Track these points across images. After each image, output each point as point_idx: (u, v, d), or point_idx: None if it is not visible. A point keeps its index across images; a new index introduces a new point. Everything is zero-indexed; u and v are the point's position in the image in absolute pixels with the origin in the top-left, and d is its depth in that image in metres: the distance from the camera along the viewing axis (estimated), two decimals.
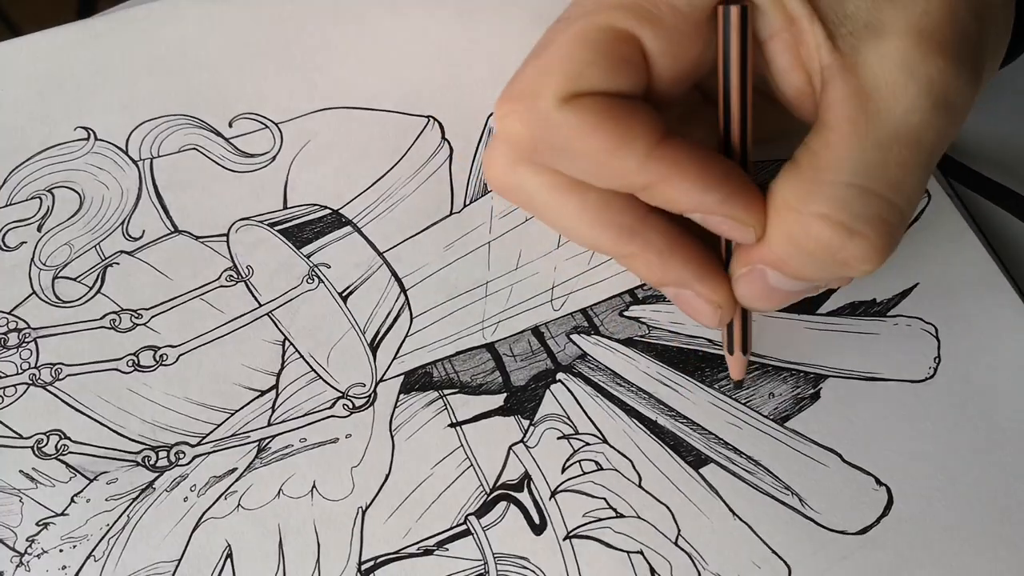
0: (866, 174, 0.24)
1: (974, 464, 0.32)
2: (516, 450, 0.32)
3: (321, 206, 0.36)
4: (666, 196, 0.25)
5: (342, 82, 0.38)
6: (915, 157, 0.24)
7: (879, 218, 0.24)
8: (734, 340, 0.30)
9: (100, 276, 0.35)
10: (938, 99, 0.24)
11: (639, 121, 0.24)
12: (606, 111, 0.24)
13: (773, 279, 0.26)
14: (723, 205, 0.25)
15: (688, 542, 0.31)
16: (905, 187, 0.24)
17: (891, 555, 0.30)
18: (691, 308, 0.29)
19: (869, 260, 0.25)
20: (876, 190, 0.24)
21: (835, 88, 0.24)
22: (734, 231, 0.26)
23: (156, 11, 0.40)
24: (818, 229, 0.24)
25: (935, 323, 0.34)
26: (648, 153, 0.24)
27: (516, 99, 0.25)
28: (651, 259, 0.27)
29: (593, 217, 0.27)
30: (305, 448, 0.32)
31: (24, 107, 0.38)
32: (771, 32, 0.25)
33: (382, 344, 0.34)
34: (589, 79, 0.24)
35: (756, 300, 0.27)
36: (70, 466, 0.32)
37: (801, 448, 0.32)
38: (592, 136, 0.24)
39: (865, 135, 0.24)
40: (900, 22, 0.24)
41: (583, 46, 0.24)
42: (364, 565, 0.31)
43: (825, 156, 0.24)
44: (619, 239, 0.27)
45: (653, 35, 0.24)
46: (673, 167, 0.24)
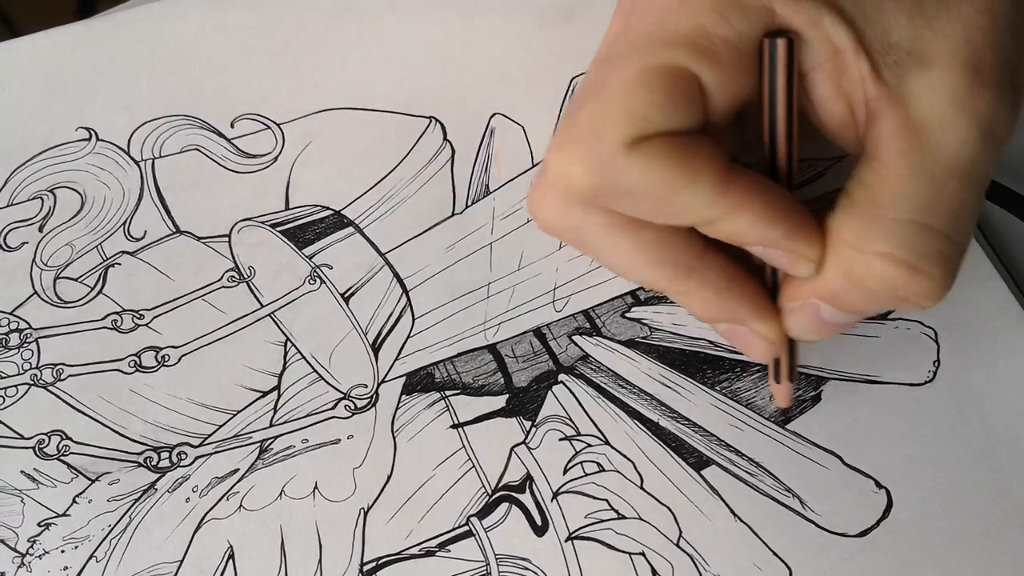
0: (924, 210, 0.24)
1: (973, 467, 0.32)
2: (518, 451, 0.32)
3: (323, 207, 0.36)
4: (731, 229, 0.25)
5: (344, 83, 0.38)
6: (968, 190, 0.24)
7: (940, 254, 0.24)
8: (782, 369, 0.30)
9: (102, 276, 0.35)
10: (987, 131, 0.24)
11: (705, 157, 0.24)
12: (673, 152, 0.23)
13: (826, 313, 0.26)
14: (787, 240, 0.25)
15: (690, 543, 0.31)
16: (962, 221, 0.24)
17: (891, 557, 0.30)
18: (744, 343, 0.29)
19: (931, 296, 0.25)
20: (935, 226, 0.24)
21: (885, 121, 0.24)
22: (794, 265, 0.26)
23: (157, 11, 0.40)
24: (880, 268, 0.24)
25: (934, 326, 0.34)
26: (716, 189, 0.24)
27: (577, 143, 0.24)
28: (708, 296, 0.27)
29: (650, 256, 0.26)
30: (307, 449, 0.32)
31: (25, 107, 0.38)
32: (814, 63, 0.25)
33: (384, 345, 0.34)
34: (653, 121, 0.23)
35: (807, 332, 0.27)
36: (72, 467, 0.32)
37: (802, 450, 0.32)
38: (660, 178, 0.23)
39: (920, 170, 0.24)
40: (945, 52, 0.24)
41: (644, 87, 0.24)
42: (366, 566, 0.31)
43: (881, 192, 0.24)
44: (676, 277, 0.26)
45: (711, 71, 0.24)
46: (740, 201, 0.24)
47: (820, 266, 0.25)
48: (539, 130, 0.37)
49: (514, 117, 0.38)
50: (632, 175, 0.24)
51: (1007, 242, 0.36)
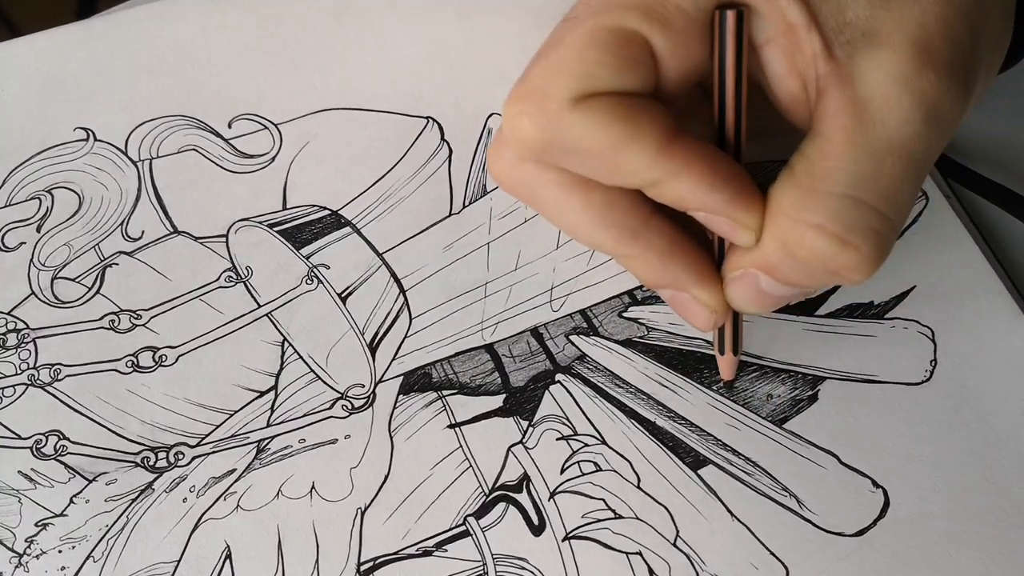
0: (860, 185, 0.24)
1: (970, 466, 0.32)
2: (515, 451, 0.32)
3: (320, 207, 0.36)
4: (674, 193, 0.25)
5: (342, 83, 0.38)
6: (907, 169, 0.24)
7: (871, 229, 0.24)
8: (725, 341, 0.31)
9: (99, 277, 0.35)
10: (929, 113, 0.24)
11: (650, 119, 0.24)
12: (617, 110, 0.24)
13: (764, 283, 0.27)
14: (727, 205, 0.25)
15: (687, 543, 0.31)
16: (897, 199, 0.25)
17: (888, 556, 0.30)
18: (686, 311, 0.29)
19: (860, 270, 0.25)
20: (869, 201, 0.24)
21: (831, 98, 0.24)
22: (735, 233, 0.26)
23: (156, 11, 0.40)
24: (811, 238, 0.24)
25: (931, 326, 0.34)
26: (659, 150, 0.24)
27: (526, 99, 0.25)
28: (651, 260, 0.27)
29: (597, 217, 0.27)
30: (304, 449, 0.32)
31: (23, 107, 0.38)
32: (767, 37, 0.25)
33: (381, 345, 0.34)
34: (600, 79, 0.24)
35: (747, 303, 0.28)
36: (69, 467, 0.32)
37: (799, 450, 0.32)
38: (604, 135, 0.24)
39: (860, 146, 0.24)
40: (896, 33, 0.24)
41: (593, 46, 0.24)
42: (363, 566, 0.31)
43: (820, 166, 0.24)
44: (621, 239, 0.27)
45: (661, 36, 0.24)
46: (682, 164, 0.24)
47: (759, 235, 0.26)
48: None
49: None
50: (577, 130, 0.24)
51: (1006, 242, 0.36)
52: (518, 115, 0.25)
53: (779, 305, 0.28)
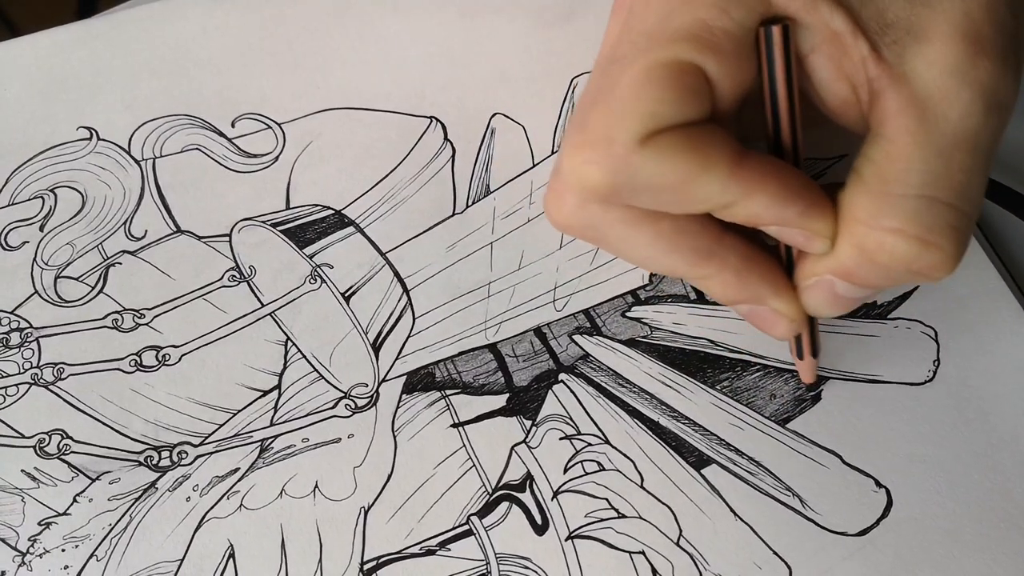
0: (933, 184, 0.24)
1: (973, 466, 0.32)
2: (518, 450, 0.32)
3: (324, 206, 0.36)
4: (748, 212, 0.25)
5: (345, 83, 0.39)
6: (975, 161, 0.24)
7: (950, 226, 0.24)
8: (804, 346, 0.31)
9: (102, 276, 0.35)
10: (990, 101, 0.24)
11: (715, 146, 0.24)
12: (686, 142, 0.24)
13: (841, 288, 0.27)
14: (802, 218, 0.25)
15: (690, 543, 0.31)
16: (970, 192, 0.25)
17: (890, 556, 0.30)
18: (765, 323, 0.29)
19: (944, 268, 0.25)
20: (945, 199, 0.24)
21: (888, 99, 0.24)
22: (810, 243, 0.26)
23: (157, 11, 0.40)
24: (892, 243, 0.24)
25: (934, 326, 0.34)
26: (730, 174, 0.24)
27: (591, 147, 0.25)
28: (728, 279, 0.27)
29: (669, 244, 0.27)
30: (307, 448, 0.32)
31: (26, 107, 0.38)
32: (812, 46, 0.26)
33: (384, 344, 0.34)
34: (664, 116, 0.24)
35: (823, 308, 0.28)
36: (72, 466, 0.32)
37: (802, 449, 0.32)
38: (675, 169, 0.24)
39: (926, 145, 0.24)
40: (942, 25, 0.24)
41: (652, 84, 0.24)
42: (366, 565, 0.31)
43: (890, 168, 0.24)
44: (696, 262, 0.27)
45: (715, 62, 0.24)
46: (754, 184, 0.25)
47: (834, 243, 0.26)
48: (539, 130, 0.37)
49: (515, 117, 0.38)
50: (648, 170, 0.24)
51: (1007, 242, 0.36)
52: (584, 164, 0.25)
53: (854, 307, 0.28)
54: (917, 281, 0.26)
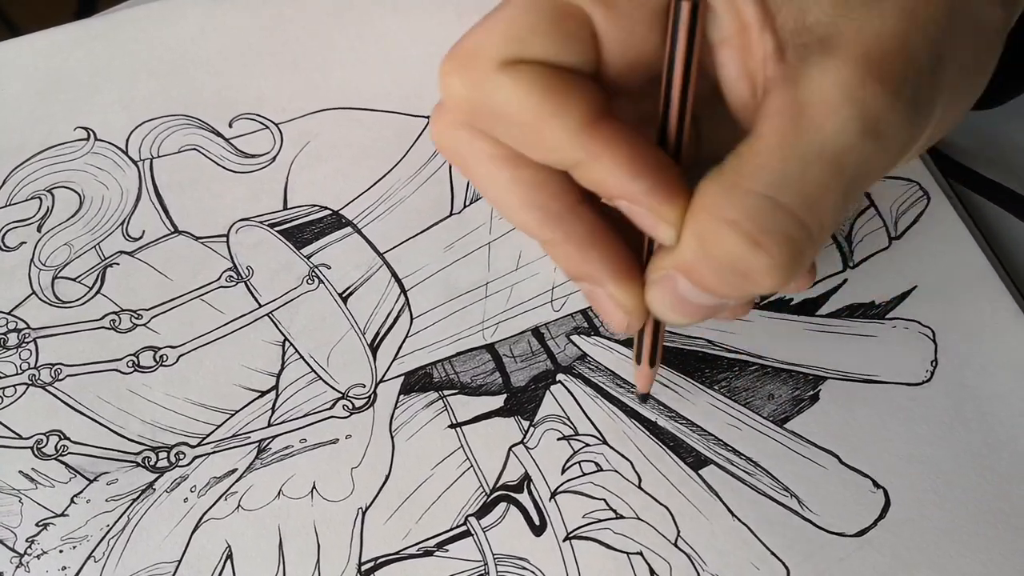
0: (781, 187, 0.23)
1: (970, 467, 0.32)
2: (516, 451, 0.32)
3: (321, 207, 0.36)
4: (594, 176, 0.24)
5: (342, 83, 0.38)
6: (834, 180, 0.23)
7: (785, 235, 0.23)
8: (644, 350, 0.29)
9: (100, 276, 0.35)
10: (868, 125, 0.23)
11: (577, 95, 0.24)
12: (544, 80, 0.24)
13: (683, 287, 0.26)
14: (648, 196, 0.24)
15: (687, 543, 0.31)
16: (818, 208, 0.24)
17: (888, 557, 0.30)
18: (602, 309, 0.28)
19: (769, 275, 0.24)
20: (788, 205, 0.23)
21: (772, 98, 0.24)
22: (656, 228, 0.25)
23: (156, 11, 0.40)
24: (725, 235, 0.24)
25: (932, 326, 0.34)
26: (582, 127, 0.24)
27: (457, 59, 0.25)
28: (570, 250, 0.27)
29: (523, 195, 0.26)
30: (305, 449, 0.32)
31: (24, 107, 0.38)
32: (722, 37, 0.25)
33: (382, 345, 0.34)
34: (531, 46, 0.24)
35: (665, 308, 0.27)
36: (70, 467, 0.32)
37: (800, 449, 0.32)
38: (528, 103, 0.24)
39: (789, 148, 0.23)
40: (851, 41, 0.23)
41: (530, 13, 0.24)
42: (364, 566, 0.31)
43: (747, 163, 0.24)
44: (544, 222, 0.27)
45: (604, 16, 0.24)
46: (605, 147, 0.24)
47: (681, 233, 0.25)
48: None
49: None
50: (501, 95, 0.24)
51: (1006, 242, 0.36)
52: (448, 73, 0.25)
53: (697, 317, 0.27)
54: (748, 287, 0.24)
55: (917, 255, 0.35)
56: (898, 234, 0.36)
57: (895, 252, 0.35)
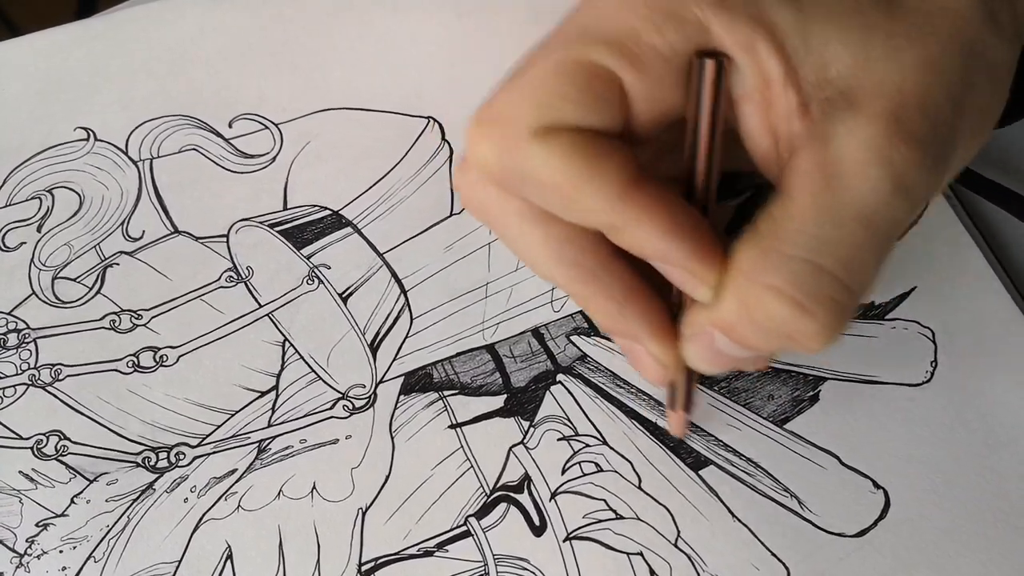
0: (821, 251, 0.23)
1: (970, 467, 0.32)
2: (516, 451, 0.32)
3: (321, 207, 0.36)
4: (633, 239, 0.24)
5: (342, 83, 0.38)
6: (871, 239, 0.24)
7: (830, 298, 0.24)
8: (678, 398, 0.30)
9: (100, 277, 0.35)
10: (898, 184, 0.23)
11: (612, 161, 0.24)
12: (579, 147, 0.23)
13: (721, 343, 0.26)
14: (688, 259, 0.24)
15: (687, 543, 0.31)
16: (859, 269, 0.24)
17: (888, 557, 0.31)
18: (638, 362, 0.28)
19: (817, 339, 0.24)
20: (830, 269, 0.23)
21: (802, 158, 0.24)
22: (694, 288, 0.25)
23: (156, 11, 0.40)
24: (770, 301, 0.24)
25: (932, 327, 0.34)
26: (620, 194, 0.23)
27: (488, 123, 0.24)
28: (608, 307, 0.27)
29: (555, 252, 0.26)
30: (305, 449, 0.32)
31: (24, 107, 0.38)
32: (744, 92, 0.25)
33: (382, 345, 0.34)
34: (563, 112, 0.23)
35: (701, 362, 0.27)
36: (70, 467, 0.32)
37: (800, 450, 0.32)
38: (563, 172, 0.23)
39: (825, 210, 0.23)
40: (873, 97, 0.23)
41: (560, 78, 0.24)
42: (364, 566, 0.31)
43: (784, 227, 0.24)
44: (578, 279, 0.26)
45: (633, 77, 0.24)
46: (642, 211, 0.24)
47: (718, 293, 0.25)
48: None
49: None
50: (535, 162, 0.23)
51: (1006, 242, 0.36)
52: (479, 139, 0.24)
53: (734, 368, 0.27)
54: (791, 347, 0.25)
55: (917, 255, 0.35)
56: None
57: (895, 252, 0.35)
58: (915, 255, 0.35)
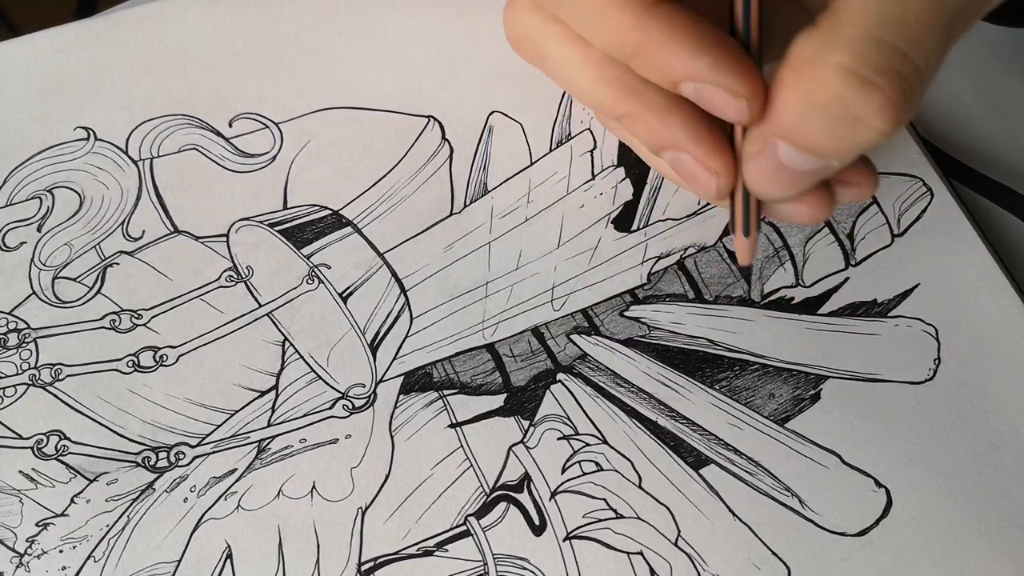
0: (884, 27, 0.23)
1: (973, 466, 0.32)
2: (516, 451, 0.32)
3: (321, 206, 0.36)
4: (657, 60, 0.25)
5: (342, 82, 0.38)
6: (934, 15, 0.24)
7: (895, 71, 0.23)
8: (736, 216, 0.28)
9: (100, 276, 0.35)
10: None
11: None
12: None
13: (784, 153, 0.25)
14: (713, 71, 0.24)
15: (688, 543, 0.31)
16: (923, 43, 0.24)
17: (890, 556, 0.30)
18: (690, 176, 0.28)
19: (883, 116, 0.24)
20: (893, 42, 0.23)
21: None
22: (727, 104, 0.25)
23: (156, 11, 0.40)
24: (833, 80, 0.23)
25: (935, 324, 0.34)
26: (644, 8, 0.24)
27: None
28: (649, 119, 0.27)
29: (596, 70, 0.27)
30: (305, 449, 0.32)
31: (24, 107, 0.38)
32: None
33: (382, 344, 0.34)
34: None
35: (766, 181, 0.26)
36: (70, 467, 0.32)
37: (801, 449, 0.32)
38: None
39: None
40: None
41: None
42: (364, 566, 0.31)
43: (844, 12, 0.24)
44: (619, 95, 0.27)
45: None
46: (665, 26, 0.24)
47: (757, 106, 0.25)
48: (537, 128, 0.37)
49: (512, 115, 0.38)
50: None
51: (1009, 242, 0.36)
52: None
53: (801, 185, 0.26)
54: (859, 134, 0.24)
55: (920, 253, 0.35)
56: (901, 231, 0.36)
57: (898, 249, 0.35)
58: (918, 252, 0.35)
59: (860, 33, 0.23)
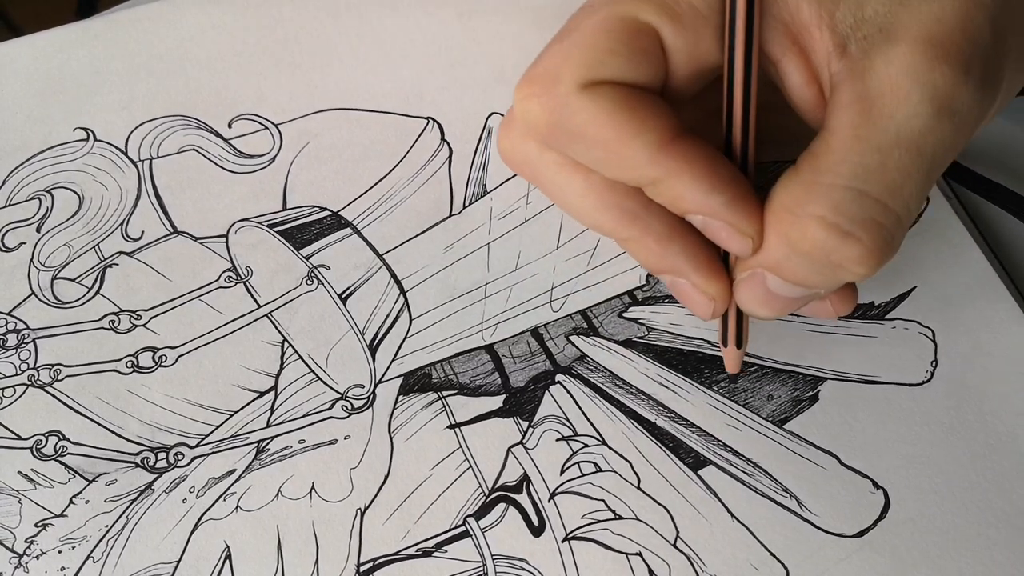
0: (863, 178, 0.24)
1: (970, 467, 0.32)
2: (515, 452, 0.32)
3: (321, 207, 0.36)
4: (673, 193, 0.25)
5: (342, 83, 0.38)
6: (915, 163, 0.24)
7: (874, 221, 0.24)
8: (729, 333, 0.30)
9: (99, 277, 0.35)
10: (941, 106, 0.23)
11: (654, 114, 0.24)
12: (623, 101, 0.24)
13: (772, 283, 0.26)
14: (726, 209, 0.25)
15: (687, 544, 0.31)
16: (903, 192, 0.24)
17: (888, 558, 0.30)
18: (686, 298, 0.29)
19: (863, 263, 0.24)
20: (872, 193, 0.24)
21: (841, 93, 0.24)
22: (732, 240, 0.26)
23: (156, 11, 0.40)
24: (813, 231, 0.24)
25: (932, 326, 0.34)
26: (660, 146, 0.24)
27: (536, 82, 0.25)
28: (650, 245, 0.27)
29: (597, 198, 0.27)
30: (304, 449, 0.32)
31: (24, 107, 0.38)
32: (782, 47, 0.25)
33: (381, 345, 0.34)
34: (609, 68, 0.24)
35: (756, 305, 0.27)
36: (69, 467, 0.32)
37: (799, 450, 0.32)
38: (607, 124, 0.24)
39: (865, 139, 0.24)
40: (911, 27, 0.24)
41: (605, 35, 0.25)
42: (363, 566, 0.31)
43: (824, 160, 0.24)
44: (621, 221, 0.27)
45: (672, 30, 0.25)
46: (682, 163, 0.24)
47: (758, 243, 0.25)
48: None
49: None
50: (582, 116, 0.24)
51: (1006, 242, 0.36)
52: (527, 97, 0.25)
53: (789, 308, 0.28)
54: (840, 276, 0.25)
55: (917, 255, 0.35)
56: None
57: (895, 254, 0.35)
58: (915, 255, 0.35)
59: (840, 183, 0.24)
